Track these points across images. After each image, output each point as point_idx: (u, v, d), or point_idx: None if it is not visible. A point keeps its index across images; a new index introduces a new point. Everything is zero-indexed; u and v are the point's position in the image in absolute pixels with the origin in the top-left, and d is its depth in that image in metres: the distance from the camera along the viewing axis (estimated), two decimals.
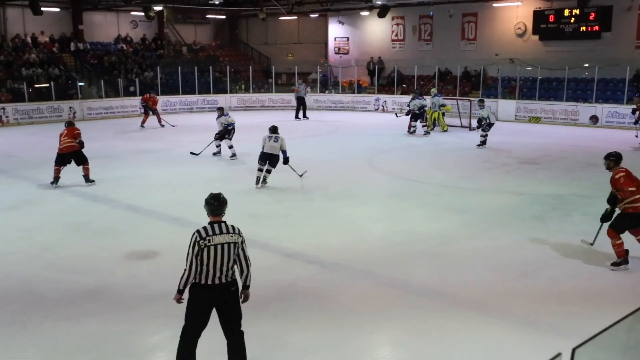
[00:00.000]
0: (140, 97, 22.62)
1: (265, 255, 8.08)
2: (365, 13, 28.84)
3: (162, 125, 21.23)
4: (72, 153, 12.08)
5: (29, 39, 26.11)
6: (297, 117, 23.98)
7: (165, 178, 12.67)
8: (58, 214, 10.07)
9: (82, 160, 12.17)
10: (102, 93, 24.95)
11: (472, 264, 7.67)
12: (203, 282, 4.68)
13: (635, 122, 17.54)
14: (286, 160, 11.89)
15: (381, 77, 28.91)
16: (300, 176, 12.40)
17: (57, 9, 27.06)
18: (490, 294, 6.74)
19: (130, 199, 10.93)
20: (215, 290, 4.69)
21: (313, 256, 7.97)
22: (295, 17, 30.98)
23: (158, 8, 26.82)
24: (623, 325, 3.41)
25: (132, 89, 25.77)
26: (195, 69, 27.45)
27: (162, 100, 25.85)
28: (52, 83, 23.49)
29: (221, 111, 15.15)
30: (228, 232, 4.73)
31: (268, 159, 11.70)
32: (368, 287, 7.05)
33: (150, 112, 21.46)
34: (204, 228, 4.73)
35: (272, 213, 10.07)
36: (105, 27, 29.34)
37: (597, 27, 23.03)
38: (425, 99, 19.60)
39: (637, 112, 17.43)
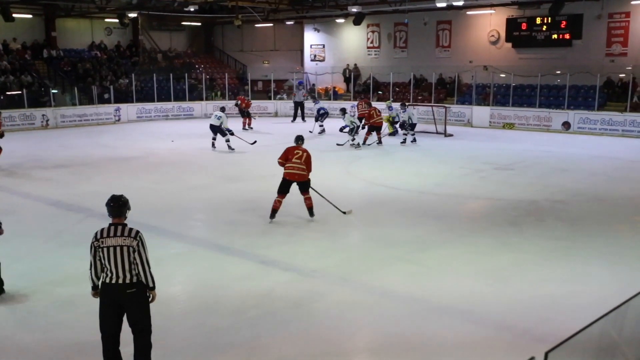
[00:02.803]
0: (236, 100, 24.23)
1: (241, 263, 8.07)
2: (340, 20, 28.96)
3: (246, 129, 22.10)
4: None
5: (0, 46, 25.70)
6: (293, 120, 25.35)
7: (140, 186, 12.53)
8: (31, 223, 9.91)
9: None
10: (76, 100, 24.64)
11: (448, 270, 7.74)
12: (107, 280, 4.81)
13: (360, 127, 18.58)
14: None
15: (357, 84, 29.05)
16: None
17: (30, 16, 26.68)
18: (466, 299, 6.79)
19: (104, 208, 10.75)
20: (114, 289, 4.79)
21: (290, 264, 7.96)
22: (271, 25, 30.99)
23: (132, 15, 26.60)
24: (595, 328, 3.46)
25: (106, 96, 25.50)
26: (171, 76, 27.31)
27: (136, 108, 25.72)
28: (24, 90, 23.11)
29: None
30: (122, 235, 4.80)
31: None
32: (345, 294, 7.06)
33: (246, 113, 22.93)
34: (102, 230, 4.86)
35: (247, 221, 10.03)
36: (78, 34, 28.96)
37: (568, 35, 23.45)
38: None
39: (364, 120, 18.55)
